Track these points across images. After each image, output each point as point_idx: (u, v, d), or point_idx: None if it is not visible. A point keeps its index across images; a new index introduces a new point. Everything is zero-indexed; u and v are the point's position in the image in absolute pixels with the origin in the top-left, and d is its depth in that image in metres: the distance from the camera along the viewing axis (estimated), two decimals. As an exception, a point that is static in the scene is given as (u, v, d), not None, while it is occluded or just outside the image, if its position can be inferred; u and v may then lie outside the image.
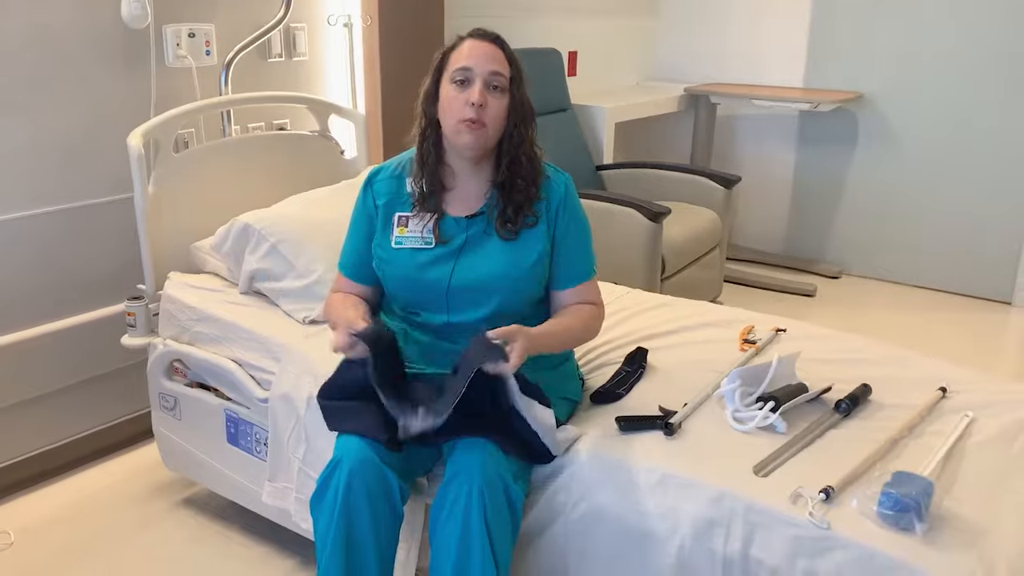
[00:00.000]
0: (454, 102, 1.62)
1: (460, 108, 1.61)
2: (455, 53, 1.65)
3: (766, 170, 4.60)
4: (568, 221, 1.71)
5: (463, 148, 1.65)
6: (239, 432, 2.13)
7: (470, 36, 1.66)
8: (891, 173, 4.24)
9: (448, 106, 1.63)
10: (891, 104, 4.17)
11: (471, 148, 1.64)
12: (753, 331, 2.07)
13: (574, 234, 1.72)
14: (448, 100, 1.63)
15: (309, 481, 1.90)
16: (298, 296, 2.13)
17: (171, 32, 2.56)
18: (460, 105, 1.61)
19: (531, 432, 1.55)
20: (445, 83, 1.64)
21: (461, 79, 1.61)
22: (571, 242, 1.72)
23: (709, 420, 1.67)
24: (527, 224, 1.68)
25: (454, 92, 1.62)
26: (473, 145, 1.63)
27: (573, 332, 1.72)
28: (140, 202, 2.22)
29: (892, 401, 1.76)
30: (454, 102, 1.62)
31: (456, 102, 1.61)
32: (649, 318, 2.18)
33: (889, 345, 2.04)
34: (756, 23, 4.47)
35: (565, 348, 1.74)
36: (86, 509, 2.36)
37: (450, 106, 1.62)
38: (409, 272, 1.69)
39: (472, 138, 1.62)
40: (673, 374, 1.87)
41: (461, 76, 1.61)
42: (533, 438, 1.56)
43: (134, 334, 2.29)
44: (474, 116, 1.60)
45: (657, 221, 3.04)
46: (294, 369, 1.96)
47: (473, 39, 1.65)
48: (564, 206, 1.71)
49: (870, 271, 4.41)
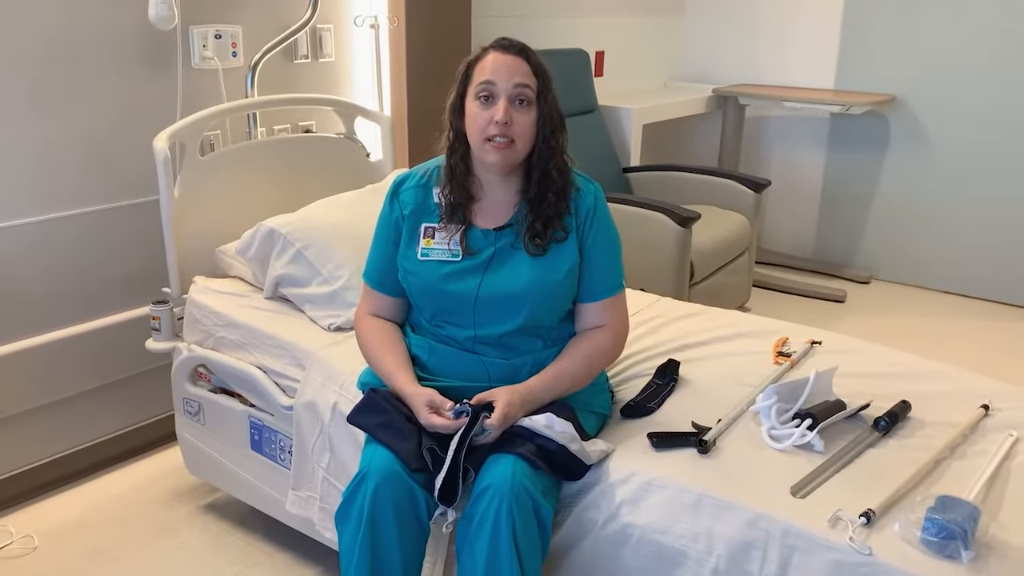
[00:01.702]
0: (478, 119, 1.57)
1: (484, 125, 1.57)
2: (478, 66, 1.60)
3: (795, 173, 4.53)
4: (597, 232, 1.67)
5: (490, 166, 1.62)
6: (263, 439, 2.11)
7: (493, 48, 1.61)
8: (923, 177, 4.15)
9: (473, 123, 1.59)
10: (924, 107, 4.09)
11: (498, 166, 1.61)
12: (787, 343, 2.02)
13: (602, 246, 1.68)
14: (473, 116, 1.59)
15: (333, 491, 1.88)
16: (324, 303, 2.11)
17: (198, 33, 2.54)
18: (484, 122, 1.57)
19: (557, 445, 1.52)
20: (470, 97, 1.60)
21: (485, 95, 1.57)
22: (598, 254, 1.68)
23: (744, 437, 1.62)
24: (556, 239, 1.64)
25: (478, 108, 1.58)
26: (500, 163, 1.60)
27: (576, 377, 1.64)
28: (166, 206, 2.21)
29: (932, 418, 1.71)
30: (478, 119, 1.57)
31: (480, 119, 1.57)
32: (680, 328, 2.13)
33: (928, 359, 1.98)
34: (786, 22, 4.40)
35: (567, 393, 1.65)
36: (109, 513, 2.35)
37: (475, 123, 1.58)
38: (435, 284, 1.65)
39: (499, 157, 1.58)
40: (706, 387, 1.82)
41: (485, 92, 1.57)
42: (560, 450, 1.53)
43: (158, 338, 2.28)
44: (499, 133, 1.56)
45: (686, 226, 2.99)
46: (319, 377, 1.93)
47: (496, 51, 1.59)
48: (593, 217, 1.67)
49: (901, 276, 4.33)
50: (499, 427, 1.52)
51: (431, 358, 1.70)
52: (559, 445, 1.52)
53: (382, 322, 1.76)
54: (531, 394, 1.59)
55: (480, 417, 1.51)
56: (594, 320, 1.70)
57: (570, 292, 1.67)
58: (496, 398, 1.55)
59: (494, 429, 1.52)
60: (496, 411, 1.52)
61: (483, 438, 1.52)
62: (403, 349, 1.71)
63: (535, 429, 1.53)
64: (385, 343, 1.71)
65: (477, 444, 1.52)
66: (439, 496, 1.50)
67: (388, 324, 1.76)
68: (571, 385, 1.65)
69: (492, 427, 1.51)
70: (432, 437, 1.55)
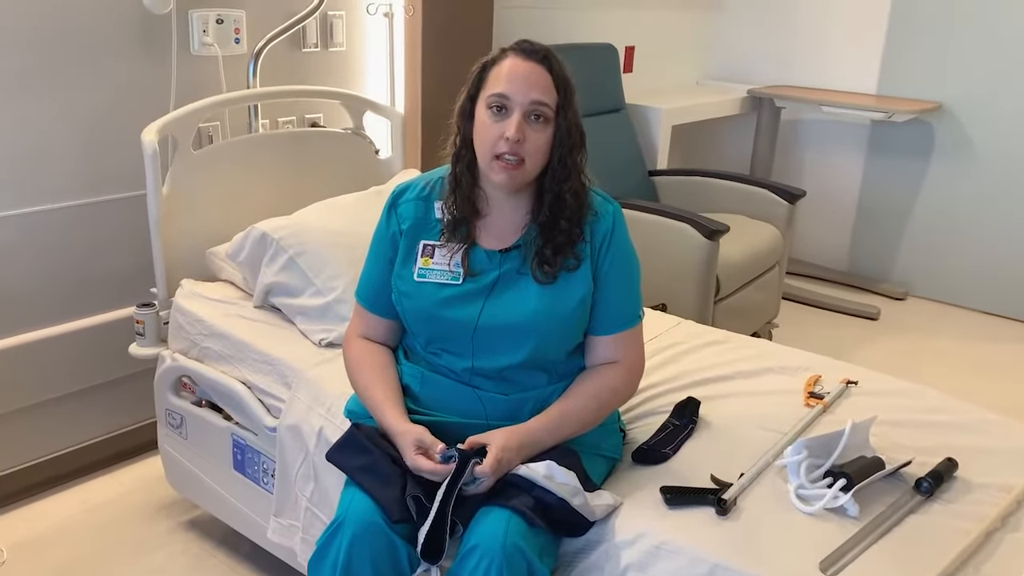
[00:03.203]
0: (488, 131, 1.41)
1: (494, 140, 1.40)
2: (494, 70, 1.43)
3: (830, 181, 4.31)
4: (613, 259, 1.50)
5: (496, 186, 1.45)
6: (246, 459, 1.96)
7: (513, 51, 1.43)
8: (967, 190, 3.92)
9: (482, 134, 1.42)
10: (973, 116, 3.85)
11: (504, 187, 1.44)
12: (820, 382, 1.84)
13: (617, 274, 1.50)
14: (482, 127, 1.42)
15: (317, 522, 1.74)
16: (316, 315, 1.95)
17: (198, 17, 2.38)
18: (494, 137, 1.40)
19: (557, 498, 1.36)
20: (481, 104, 1.43)
21: (498, 106, 1.40)
22: (613, 283, 1.50)
23: (768, 496, 1.44)
24: (567, 267, 1.47)
25: (489, 119, 1.41)
26: (507, 184, 1.43)
27: (583, 419, 1.47)
28: (153, 203, 2.06)
29: (981, 479, 1.52)
30: (488, 131, 1.41)
31: (490, 132, 1.40)
32: (702, 357, 1.96)
33: (975, 406, 1.79)
34: (828, 22, 4.17)
35: (572, 436, 1.47)
36: (86, 525, 2.22)
37: (483, 134, 1.42)
38: (432, 309, 1.49)
39: (505, 177, 1.41)
40: (728, 432, 1.64)
41: (497, 103, 1.40)
42: (560, 504, 1.36)
43: (142, 343, 2.14)
44: (508, 151, 1.39)
45: (713, 239, 2.80)
46: (305, 398, 1.78)
47: (516, 56, 1.42)
48: (610, 242, 1.49)
49: (938, 294, 4.11)
50: (492, 476, 1.36)
51: (423, 389, 1.54)
52: (559, 499, 1.36)
53: (373, 346, 1.60)
54: (531, 437, 1.43)
55: (470, 464, 1.35)
56: (605, 355, 1.53)
57: (581, 324, 1.50)
58: (490, 442, 1.38)
59: (486, 478, 1.35)
60: (488, 457, 1.36)
61: (473, 488, 1.36)
62: (394, 379, 1.54)
63: (533, 479, 1.37)
64: (374, 371, 1.55)
65: (467, 495, 1.36)
66: (422, 552, 1.34)
67: (380, 348, 1.60)
68: (577, 428, 1.48)
69: (484, 476, 1.35)
70: (419, 483, 1.39)
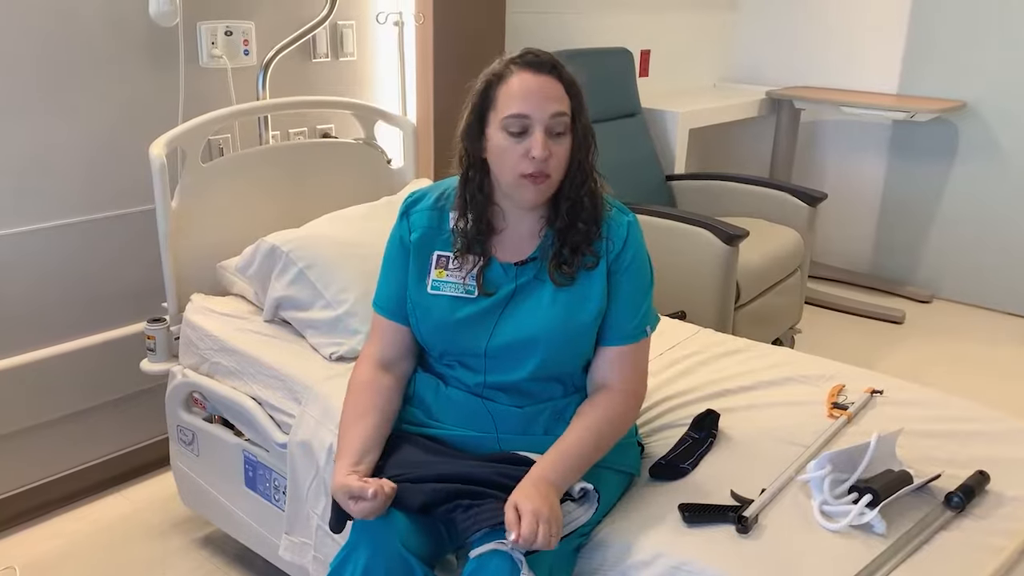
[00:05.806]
0: (509, 153, 1.36)
1: (517, 160, 1.36)
2: (503, 89, 1.37)
3: (852, 182, 4.23)
4: (626, 268, 1.46)
5: (523, 202, 1.42)
6: (257, 476, 1.93)
7: (519, 65, 1.38)
8: (992, 190, 3.84)
9: (502, 156, 1.38)
10: (998, 115, 3.76)
11: (533, 202, 1.41)
12: (844, 391, 1.78)
13: (629, 284, 1.46)
14: (501, 151, 1.37)
15: (329, 540, 1.70)
16: (326, 329, 1.91)
17: (206, 29, 2.36)
18: (517, 156, 1.36)
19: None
20: (494, 127, 1.38)
21: (517, 130, 1.35)
22: (624, 293, 1.46)
23: (791, 512, 1.39)
24: (586, 265, 1.43)
25: (507, 141, 1.36)
26: (536, 200, 1.40)
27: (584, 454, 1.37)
28: (162, 217, 2.04)
29: (1013, 492, 1.46)
30: (509, 153, 1.36)
31: (512, 153, 1.36)
32: (722, 367, 1.91)
33: (1006, 415, 1.73)
34: (847, 21, 4.10)
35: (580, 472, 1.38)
36: (98, 543, 2.19)
37: (505, 156, 1.37)
38: (445, 324, 1.46)
39: (535, 193, 1.38)
40: (749, 446, 1.59)
41: (517, 127, 1.35)
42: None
43: (153, 359, 2.11)
44: (536, 171, 1.35)
45: (733, 244, 2.74)
46: (315, 414, 1.75)
47: (524, 71, 1.37)
48: (624, 250, 1.45)
49: (964, 296, 4.03)
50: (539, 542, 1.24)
51: (436, 400, 1.51)
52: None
53: (378, 382, 1.51)
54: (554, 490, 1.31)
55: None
56: (605, 370, 1.48)
57: (594, 337, 1.47)
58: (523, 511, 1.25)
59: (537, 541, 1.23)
60: (523, 531, 1.22)
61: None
62: (375, 424, 1.45)
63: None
64: (361, 409, 1.47)
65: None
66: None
67: (381, 388, 1.50)
68: (583, 464, 1.38)
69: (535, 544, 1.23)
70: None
